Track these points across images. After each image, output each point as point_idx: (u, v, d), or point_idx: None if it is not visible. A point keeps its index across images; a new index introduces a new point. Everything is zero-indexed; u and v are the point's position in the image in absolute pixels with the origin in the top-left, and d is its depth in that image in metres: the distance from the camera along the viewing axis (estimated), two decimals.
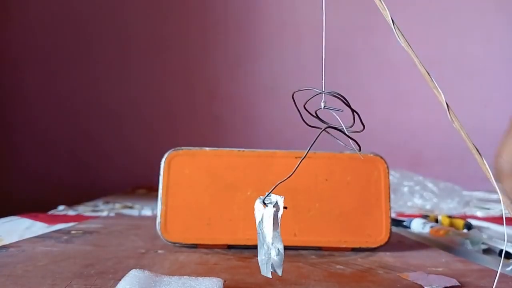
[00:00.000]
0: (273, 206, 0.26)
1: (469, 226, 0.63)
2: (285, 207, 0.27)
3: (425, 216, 0.74)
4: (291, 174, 0.26)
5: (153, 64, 1.78)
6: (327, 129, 0.26)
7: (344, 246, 0.41)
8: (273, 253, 0.26)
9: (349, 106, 0.26)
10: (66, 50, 1.76)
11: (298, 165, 0.26)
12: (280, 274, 0.25)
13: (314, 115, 0.27)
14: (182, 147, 0.42)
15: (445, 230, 0.59)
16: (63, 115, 1.75)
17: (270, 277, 0.25)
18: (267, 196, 0.27)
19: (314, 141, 0.26)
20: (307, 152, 0.26)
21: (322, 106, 0.27)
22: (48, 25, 1.75)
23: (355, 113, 0.27)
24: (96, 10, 1.77)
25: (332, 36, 0.43)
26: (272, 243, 0.26)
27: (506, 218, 0.38)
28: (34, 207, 0.96)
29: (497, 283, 0.24)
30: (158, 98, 1.78)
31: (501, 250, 0.48)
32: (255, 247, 0.41)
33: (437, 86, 0.24)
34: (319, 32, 0.36)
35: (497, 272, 0.24)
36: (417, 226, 0.69)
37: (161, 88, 1.78)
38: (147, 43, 1.78)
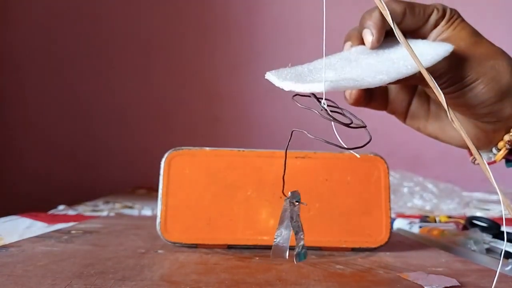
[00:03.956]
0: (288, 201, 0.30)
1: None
2: (302, 203, 0.30)
3: (425, 217, 0.74)
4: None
5: (153, 64, 1.78)
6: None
7: (344, 246, 0.41)
8: (278, 239, 0.28)
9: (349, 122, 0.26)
10: (66, 50, 1.76)
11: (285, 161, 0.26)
12: (284, 257, 0.28)
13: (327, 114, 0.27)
14: (182, 147, 0.42)
15: (439, 230, 0.59)
16: (64, 115, 1.75)
17: (285, 258, 0.28)
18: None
19: (289, 141, 0.27)
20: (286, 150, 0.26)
21: (322, 105, 0.27)
22: (48, 25, 1.75)
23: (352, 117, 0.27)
24: (96, 11, 1.77)
25: (332, 36, 0.43)
26: (280, 230, 0.29)
27: (506, 218, 0.38)
28: (34, 206, 0.96)
29: (496, 283, 0.24)
30: (158, 98, 1.78)
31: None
32: (255, 247, 0.41)
33: (437, 86, 0.24)
34: (320, 33, 0.36)
35: (496, 272, 0.24)
36: (402, 226, 0.69)
37: (161, 88, 1.78)
38: (147, 43, 1.78)
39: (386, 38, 0.33)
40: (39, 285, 0.27)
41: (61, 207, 0.99)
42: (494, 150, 0.37)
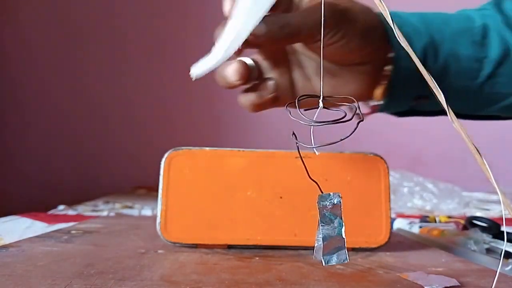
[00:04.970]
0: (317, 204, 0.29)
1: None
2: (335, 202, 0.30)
3: (425, 217, 0.74)
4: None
5: (153, 64, 1.78)
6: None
7: None
8: (319, 242, 0.28)
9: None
10: (66, 50, 1.76)
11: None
12: (319, 261, 0.28)
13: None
14: (182, 147, 0.42)
15: (439, 230, 0.59)
16: (64, 114, 1.75)
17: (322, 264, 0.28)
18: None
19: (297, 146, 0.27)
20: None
21: (321, 106, 0.27)
22: (45, 26, 1.75)
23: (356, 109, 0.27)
24: (94, 11, 1.77)
25: None
26: (318, 231, 0.28)
27: (506, 218, 0.38)
28: (34, 206, 0.96)
29: (496, 283, 0.24)
30: (158, 98, 1.78)
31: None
32: (255, 247, 0.41)
33: (437, 86, 0.24)
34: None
35: (496, 272, 0.24)
36: (402, 226, 0.69)
37: (161, 88, 1.78)
38: (147, 43, 1.78)
39: None
40: (39, 285, 0.27)
41: (61, 207, 0.99)
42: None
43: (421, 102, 0.44)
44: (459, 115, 0.52)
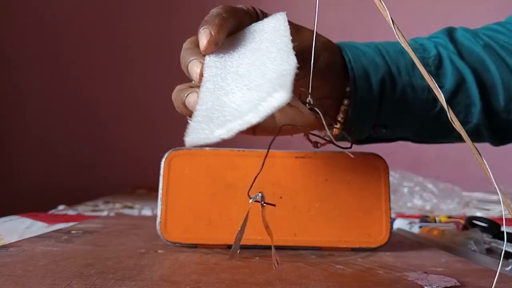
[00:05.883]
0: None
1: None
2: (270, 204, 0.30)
3: (425, 217, 0.74)
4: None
5: (153, 63, 1.78)
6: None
7: (344, 246, 0.41)
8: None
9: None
10: (65, 49, 1.76)
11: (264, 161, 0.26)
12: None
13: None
14: (182, 147, 0.42)
15: (439, 230, 0.59)
16: (63, 114, 1.75)
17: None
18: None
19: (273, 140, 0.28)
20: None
21: (311, 101, 0.28)
22: (45, 26, 1.75)
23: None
24: (95, 10, 1.77)
25: (331, 36, 0.43)
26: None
27: (506, 218, 0.38)
28: (34, 206, 0.96)
29: (496, 283, 0.24)
30: (158, 97, 1.77)
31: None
32: (255, 247, 0.41)
33: (437, 86, 0.24)
34: (319, 32, 0.36)
35: (496, 272, 0.24)
36: (402, 226, 0.69)
37: (161, 87, 1.77)
38: (147, 42, 1.78)
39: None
40: (39, 285, 0.27)
41: (61, 207, 0.99)
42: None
43: (379, 130, 0.45)
44: (418, 141, 0.54)
